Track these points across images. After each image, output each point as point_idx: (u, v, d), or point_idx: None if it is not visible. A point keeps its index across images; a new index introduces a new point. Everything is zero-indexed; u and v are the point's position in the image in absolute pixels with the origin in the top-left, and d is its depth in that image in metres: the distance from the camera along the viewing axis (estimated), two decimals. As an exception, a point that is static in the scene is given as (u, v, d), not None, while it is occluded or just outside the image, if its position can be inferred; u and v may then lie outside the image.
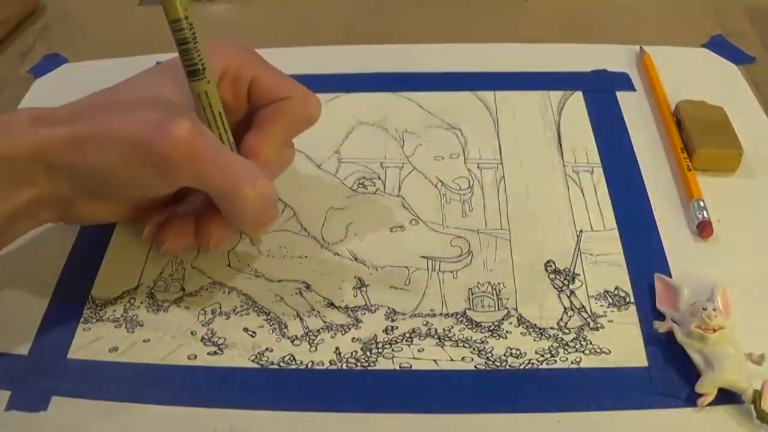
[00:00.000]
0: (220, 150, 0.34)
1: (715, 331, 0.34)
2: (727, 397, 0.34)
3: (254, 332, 0.38)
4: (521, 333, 0.37)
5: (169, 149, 0.32)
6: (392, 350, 0.37)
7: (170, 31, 0.33)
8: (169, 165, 0.33)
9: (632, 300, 0.39)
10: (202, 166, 0.33)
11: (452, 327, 0.38)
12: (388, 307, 0.39)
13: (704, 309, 0.35)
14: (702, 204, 0.42)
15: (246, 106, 0.39)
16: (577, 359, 0.36)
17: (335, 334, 0.38)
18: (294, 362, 0.36)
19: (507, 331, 0.38)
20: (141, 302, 0.39)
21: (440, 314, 0.38)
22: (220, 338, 0.38)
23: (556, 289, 0.39)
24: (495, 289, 0.40)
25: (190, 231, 0.38)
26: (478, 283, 0.40)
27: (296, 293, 0.40)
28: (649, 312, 0.38)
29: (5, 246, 0.37)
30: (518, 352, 0.37)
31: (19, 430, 0.34)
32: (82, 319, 0.39)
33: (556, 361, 0.36)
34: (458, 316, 0.38)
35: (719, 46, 0.56)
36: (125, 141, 0.33)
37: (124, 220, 0.41)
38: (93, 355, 0.37)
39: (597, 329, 0.37)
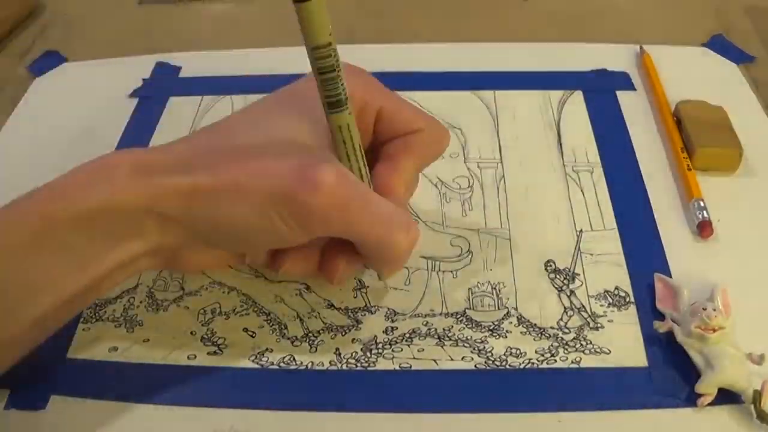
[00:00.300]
0: (368, 197, 0.32)
1: (715, 331, 0.34)
2: (727, 397, 0.34)
3: (254, 332, 0.38)
4: (521, 332, 0.37)
5: (316, 201, 0.29)
6: (392, 350, 0.37)
7: (309, 59, 0.30)
8: (315, 217, 0.30)
9: (632, 300, 0.39)
10: (351, 216, 0.31)
11: (452, 327, 0.38)
12: (388, 308, 0.39)
13: (704, 309, 0.35)
14: (702, 204, 0.42)
15: (370, 138, 0.37)
16: (577, 359, 0.36)
17: (335, 335, 0.38)
18: (294, 363, 0.36)
19: (507, 331, 0.38)
20: (140, 302, 0.39)
21: (440, 314, 0.38)
22: (219, 338, 0.38)
23: (556, 288, 0.39)
24: (495, 289, 0.40)
25: (315, 258, 0.36)
26: (478, 282, 0.40)
27: (296, 294, 0.40)
28: (649, 312, 0.38)
29: (98, 297, 0.35)
30: (518, 352, 0.37)
31: (19, 429, 0.34)
32: (81, 319, 0.39)
33: (556, 360, 0.36)
34: (458, 316, 0.38)
35: (719, 45, 0.56)
36: (262, 193, 0.30)
37: (235, 266, 0.39)
38: (92, 354, 0.37)
39: (597, 329, 0.37)
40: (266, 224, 0.31)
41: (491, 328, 0.38)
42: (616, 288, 0.39)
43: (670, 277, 0.39)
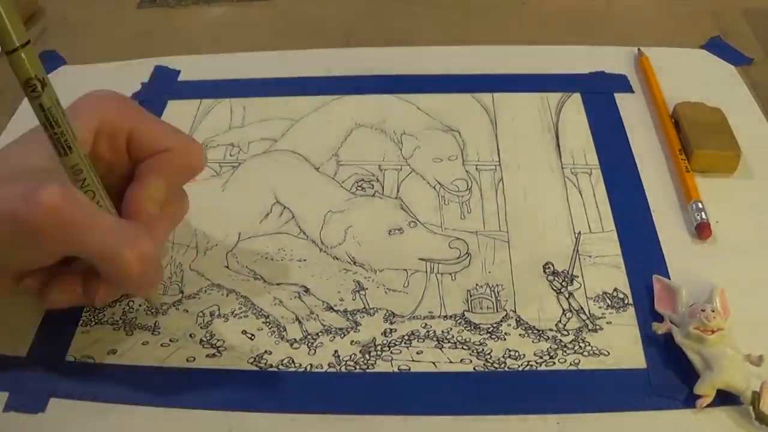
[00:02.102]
0: (93, 213, 0.32)
1: (713, 332, 0.34)
2: (725, 398, 0.34)
3: (253, 335, 0.38)
4: (520, 335, 0.37)
5: (38, 217, 0.30)
6: (391, 353, 0.37)
7: (35, 114, 0.31)
8: (40, 234, 0.30)
9: (631, 301, 0.39)
10: (75, 232, 0.31)
11: (451, 329, 0.38)
12: (387, 310, 0.39)
13: (703, 310, 0.35)
14: (700, 205, 0.42)
15: (127, 162, 0.37)
16: (576, 361, 0.36)
17: (334, 337, 0.38)
18: (293, 365, 0.36)
19: (506, 333, 0.38)
20: (140, 305, 0.39)
21: (439, 316, 0.38)
22: (218, 340, 0.38)
23: (554, 290, 0.39)
24: (494, 291, 0.40)
25: (77, 286, 0.35)
26: (477, 284, 0.40)
27: (295, 296, 0.40)
28: (647, 313, 0.38)
29: None
30: (517, 354, 0.37)
31: (18, 431, 0.34)
32: (80, 322, 0.39)
33: (554, 362, 0.36)
34: (457, 318, 0.38)
35: (717, 47, 0.56)
36: None
37: (8, 295, 0.37)
38: (91, 357, 0.37)
39: (596, 331, 0.37)
40: (5, 247, 0.31)
41: (490, 330, 0.38)
42: (615, 290, 0.39)
43: (669, 278, 0.39)
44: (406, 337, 0.38)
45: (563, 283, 0.40)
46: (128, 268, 0.32)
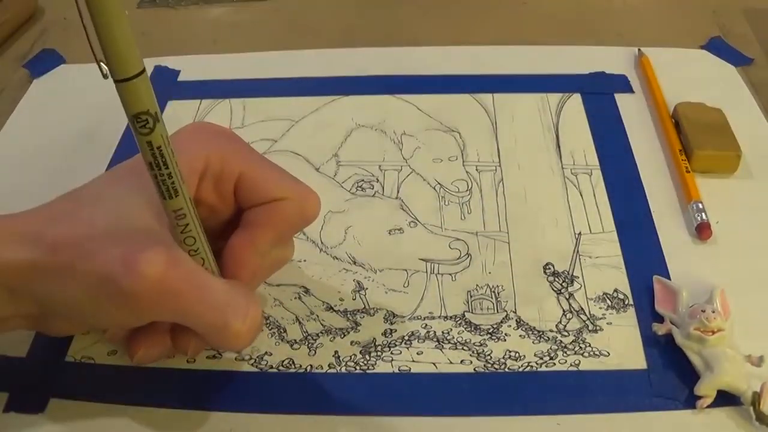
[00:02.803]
0: (201, 281, 0.30)
1: (713, 333, 0.34)
2: (726, 399, 0.34)
3: (253, 335, 0.38)
4: (520, 335, 0.37)
5: (139, 288, 0.28)
6: (391, 353, 0.37)
7: (140, 151, 0.28)
8: (140, 304, 0.29)
9: (631, 302, 0.39)
10: (180, 304, 0.30)
11: (451, 330, 0.38)
12: (387, 310, 0.39)
13: (703, 311, 0.35)
14: (700, 206, 0.42)
15: (234, 205, 0.35)
16: (576, 361, 0.36)
17: (334, 337, 0.38)
18: (293, 366, 0.36)
19: (506, 334, 0.37)
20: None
21: (439, 317, 0.38)
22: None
23: (554, 291, 0.39)
24: (494, 292, 0.40)
25: (166, 339, 0.34)
26: (477, 285, 0.40)
27: (295, 297, 0.40)
28: (648, 314, 0.38)
29: None
30: (517, 355, 0.36)
31: (18, 431, 0.34)
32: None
33: (555, 363, 0.36)
34: (457, 319, 0.38)
35: (717, 47, 0.56)
36: (91, 276, 0.29)
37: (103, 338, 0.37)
38: (91, 357, 0.37)
39: (596, 331, 0.37)
40: (98, 308, 0.30)
41: (490, 331, 0.38)
42: (615, 290, 0.39)
43: (669, 279, 0.39)
44: (406, 338, 0.37)
45: (563, 284, 0.40)
46: (237, 340, 0.31)
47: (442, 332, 0.38)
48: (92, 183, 0.33)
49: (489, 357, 0.36)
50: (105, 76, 0.26)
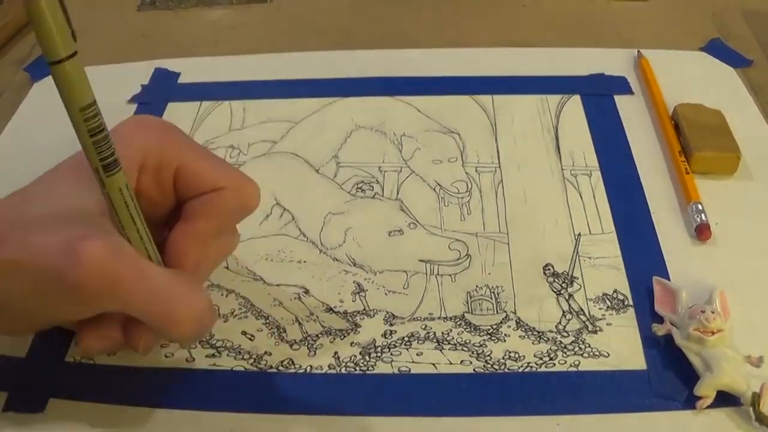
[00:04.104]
0: (143, 269, 0.30)
1: (713, 333, 0.34)
2: (725, 399, 0.34)
3: (252, 336, 0.38)
4: (520, 336, 0.37)
5: (81, 277, 0.28)
6: (391, 354, 0.37)
7: (73, 123, 0.27)
8: (83, 293, 0.28)
9: (631, 303, 0.39)
10: (123, 293, 0.29)
11: (451, 330, 0.38)
12: (387, 312, 0.39)
13: (702, 312, 0.35)
14: (700, 207, 0.42)
15: (173, 197, 0.34)
16: (576, 362, 0.36)
17: (334, 338, 0.38)
18: (293, 366, 0.36)
19: (506, 335, 0.37)
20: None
21: (439, 318, 0.38)
22: (218, 341, 0.38)
23: (554, 292, 0.39)
24: (493, 293, 0.40)
25: (115, 333, 0.33)
26: (477, 286, 0.40)
27: (295, 298, 0.40)
28: (647, 315, 0.38)
29: None
30: (517, 356, 0.36)
31: (17, 432, 0.34)
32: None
33: (554, 364, 0.36)
34: (457, 320, 0.38)
35: (717, 49, 0.56)
36: (35, 270, 0.28)
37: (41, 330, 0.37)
38: (90, 358, 0.37)
39: (596, 332, 0.37)
40: (44, 301, 0.29)
41: (490, 331, 0.38)
42: (615, 291, 0.39)
43: (669, 280, 0.39)
44: (406, 339, 0.37)
45: (563, 285, 0.40)
46: (181, 329, 0.31)
47: (442, 333, 0.38)
48: (38, 180, 0.33)
49: (489, 358, 0.36)
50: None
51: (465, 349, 0.37)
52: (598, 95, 0.52)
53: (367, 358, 0.37)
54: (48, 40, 0.25)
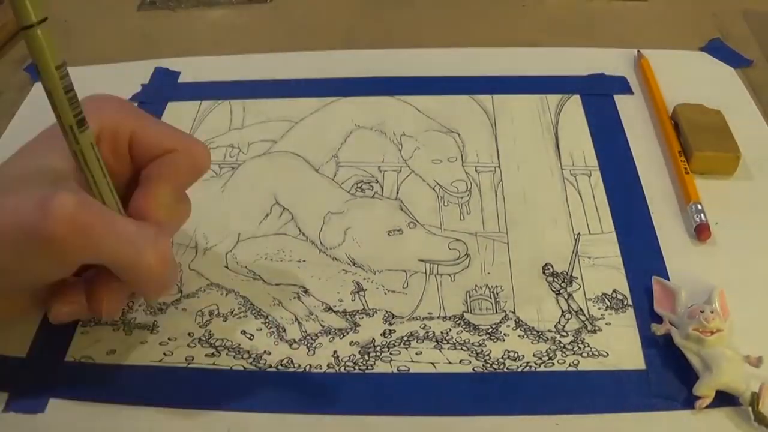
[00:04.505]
0: (111, 219, 0.31)
1: (712, 333, 0.34)
2: (724, 399, 0.34)
3: (252, 335, 0.38)
4: (519, 336, 0.37)
5: (55, 228, 0.29)
6: (390, 354, 0.37)
7: (45, 85, 0.29)
8: (58, 246, 0.29)
9: (630, 303, 0.39)
10: (94, 241, 0.30)
11: (450, 330, 0.38)
12: (386, 311, 0.39)
13: (702, 311, 0.35)
14: (700, 207, 0.42)
15: (130, 166, 0.36)
16: (575, 362, 0.36)
17: (333, 338, 0.38)
18: (292, 365, 0.36)
19: (505, 334, 0.38)
20: (139, 305, 0.39)
21: (438, 317, 0.38)
22: (217, 340, 0.38)
23: (553, 291, 0.39)
24: (493, 292, 0.40)
25: (80, 298, 0.34)
26: (476, 286, 0.40)
27: (294, 297, 0.40)
28: (647, 314, 0.38)
29: None
30: (516, 355, 0.36)
31: (17, 432, 0.34)
32: (80, 322, 0.39)
33: (554, 363, 0.36)
34: (456, 319, 0.38)
35: (717, 49, 0.56)
36: (9, 229, 0.29)
37: (26, 314, 0.38)
38: (91, 357, 0.37)
39: (595, 332, 0.37)
40: (19, 262, 0.30)
41: (489, 331, 0.38)
42: (614, 291, 0.39)
43: (668, 279, 0.39)
44: (405, 338, 0.38)
45: (562, 284, 0.40)
46: (150, 270, 0.32)
47: (441, 332, 0.38)
48: (19, 150, 0.35)
49: (488, 357, 0.36)
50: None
51: (464, 348, 0.37)
52: (598, 95, 0.52)
53: (366, 357, 0.37)
54: (22, 8, 0.27)
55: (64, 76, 0.29)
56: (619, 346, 0.37)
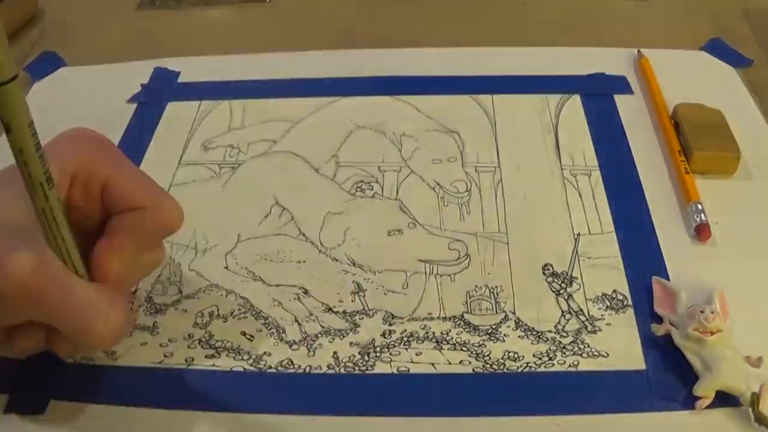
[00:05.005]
0: (65, 284, 0.31)
1: (712, 333, 0.34)
2: (724, 399, 0.34)
3: (252, 336, 0.38)
4: (519, 336, 0.37)
5: (5, 289, 0.28)
6: (390, 354, 0.37)
7: (12, 142, 0.28)
8: (6, 304, 0.29)
9: (630, 303, 0.39)
10: (45, 306, 0.30)
11: (450, 330, 0.38)
12: (386, 312, 0.39)
13: (702, 312, 0.35)
14: (700, 207, 0.42)
15: (100, 210, 0.35)
16: (575, 362, 0.36)
17: (333, 338, 0.38)
18: (292, 366, 0.36)
19: (505, 335, 0.37)
20: (139, 306, 0.39)
21: (438, 318, 0.38)
22: (217, 341, 0.38)
23: (553, 292, 0.39)
24: (493, 293, 0.40)
25: (41, 334, 0.33)
26: (476, 286, 0.40)
27: (294, 298, 0.40)
28: (647, 315, 0.38)
29: None
30: (516, 356, 0.36)
31: (17, 434, 0.34)
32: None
33: (553, 364, 0.36)
34: (456, 320, 0.38)
35: (717, 48, 0.56)
36: None
37: None
38: (90, 359, 0.37)
39: (595, 332, 0.37)
40: None
41: (489, 331, 0.38)
42: (614, 291, 0.39)
43: (668, 280, 0.39)
44: (405, 339, 0.37)
45: (562, 285, 0.40)
46: (99, 342, 0.32)
47: (441, 333, 0.38)
48: None
49: (488, 358, 0.36)
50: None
51: (464, 349, 0.37)
52: (598, 95, 0.52)
53: (366, 358, 0.37)
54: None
55: (34, 133, 0.28)
56: (619, 347, 0.37)
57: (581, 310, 0.38)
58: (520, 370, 0.36)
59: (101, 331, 0.31)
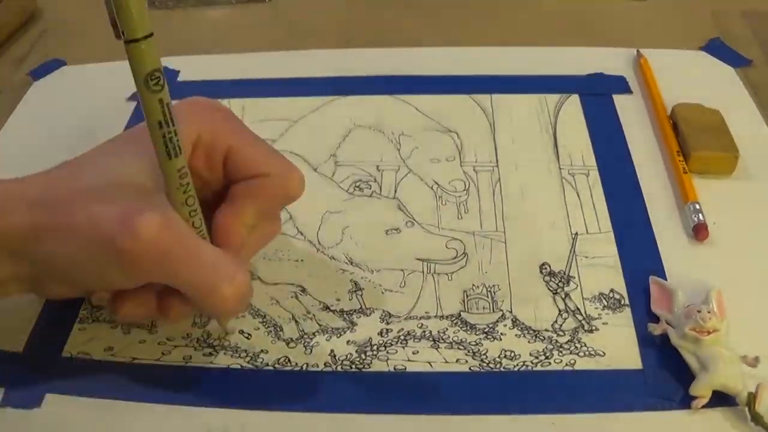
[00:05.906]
0: (192, 245, 0.31)
1: (709, 333, 0.34)
2: (721, 399, 0.33)
3: (249, 334, 0.38)
4: (516, 335, 0.37)
5: (135, 248, 0.29)
6: (387, 352, 0.37)
7: (143, 111, 0.30)
8: (135, 264, 0.30)
9: (627, 302, 0.39)
10: (172, 266, 0.31)
11: (447, 329, 0.38)
12: (383, 310, 0.39)
13: (699, 311, 0.35)
14: (697, 207, 0.42)
15: (222, 178, 0.36)
16: (572, 361, 0.36)
17: (330, 336, 0.38)
18: (289, 364, 0.37)
19: (501, 333, 0.37)
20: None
21: (435, 316, 0.38)
22: (215, 340, 0.38)
23: (550, 291, 0.39)
24: (490, 291, 0.40)
25: (150, 301, 0.34)
26: (473, 285, 0.40)
27: (292, 296, 0.40)
28: (643, 314, 0.38)
29: None
30: (513, 354, 0.36)
31: (13, 427, 0.34)
32: (77, 319, 0.39)
33: (550, 363, 0.36)
34: (453, 318, 0.38)
35: (716, 49, 0.56)
36: (89, 237, 0.30)
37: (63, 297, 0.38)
38: (87, 354, 0.37)
39: (591, 331, 0.37)
40: (94, 267, 0.31)
41: (486, 330, 0.38)
42: (611, 290, 0.39)
43: (666, 279, 0.39)
44: (402, 337, 0.38)
45: (560, 284, 0.40)
46: (225, 303, 0.32)
47: (438, 332, 0.38)
48: (92, 150, 0.35)
49: (484, 356, 0.36)
50: (118, 37, 0.28)
51: (461, 347, 0.37)
52: (597, 95, 0.52)
53: (363, 356, 0.37)
54: (128, 20, 0.28)
55: (164, 112, 0.29)
56: (616, 346, 0.37)
57: (578, 309, 0.38)
58: (516, 368, 0.36)
59: (227, 292, 0.32)
